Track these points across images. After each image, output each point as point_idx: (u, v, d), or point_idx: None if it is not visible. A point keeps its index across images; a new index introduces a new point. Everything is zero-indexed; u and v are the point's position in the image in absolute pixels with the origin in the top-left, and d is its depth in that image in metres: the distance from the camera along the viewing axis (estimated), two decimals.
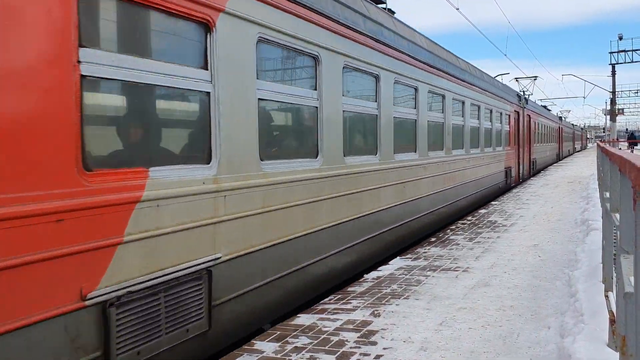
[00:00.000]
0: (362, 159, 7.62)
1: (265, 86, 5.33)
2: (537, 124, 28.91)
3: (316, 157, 6.38)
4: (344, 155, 7.01)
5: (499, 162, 17.70)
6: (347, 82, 7.17)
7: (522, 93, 25.68)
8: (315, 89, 6.38)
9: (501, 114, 18.02)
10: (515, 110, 21.06)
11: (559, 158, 43.83)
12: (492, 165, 16.67)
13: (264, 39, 5.26)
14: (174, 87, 4.23)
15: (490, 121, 16.42)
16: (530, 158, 25.34)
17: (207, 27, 4.52)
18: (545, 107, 43.24)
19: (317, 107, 6.38)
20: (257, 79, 5.15)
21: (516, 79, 38.89)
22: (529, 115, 25.27)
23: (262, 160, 5.23)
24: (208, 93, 4.55)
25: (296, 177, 5.84)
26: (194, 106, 4.64)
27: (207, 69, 4.53)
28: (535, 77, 39.01)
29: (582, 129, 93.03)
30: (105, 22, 3.74)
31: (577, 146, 76.49)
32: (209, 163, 4.58)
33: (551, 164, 36.38)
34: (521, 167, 22.35)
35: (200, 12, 4.38)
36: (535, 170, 27.29)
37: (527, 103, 24.88)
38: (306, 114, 6.35)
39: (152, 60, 3.99)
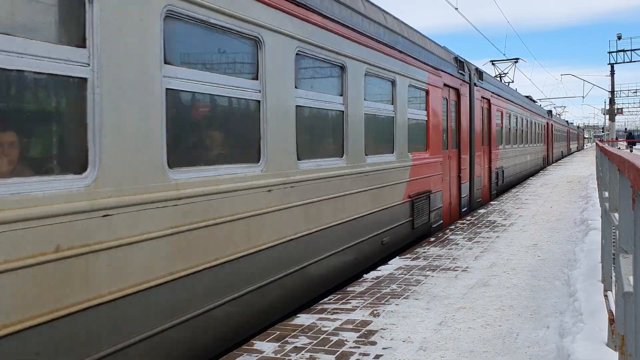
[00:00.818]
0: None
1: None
2: (506, 115, 19.48)
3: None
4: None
5: (390, 189, 8.40)
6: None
7: (471, 65, 14.22)
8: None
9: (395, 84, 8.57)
10: (451, 88, 12.04)
11: (547, 163, 34.85)
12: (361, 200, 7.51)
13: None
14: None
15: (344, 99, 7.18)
16: (490, 168, 16.44)
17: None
18: (529, 97, 32.17)
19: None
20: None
21: (492, 61, 31.69)
22: (488, 100, 16.02)
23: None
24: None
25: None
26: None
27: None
28: (517, 59, 31.53)
29: (578, 127, 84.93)
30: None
31: (573, 146, 66.36)
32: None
33: (535, 172, 27.88)
34: (463, 188, 12.98)
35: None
36: (502, 186, 18.40)
37: (481, 79, 15.16)
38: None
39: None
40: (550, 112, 41.25)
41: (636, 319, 2.39)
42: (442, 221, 11.00)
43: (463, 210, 12.95)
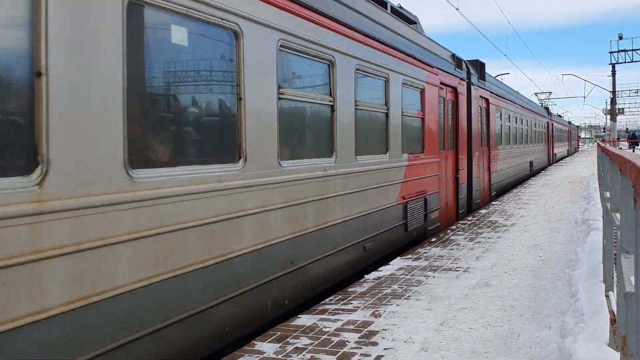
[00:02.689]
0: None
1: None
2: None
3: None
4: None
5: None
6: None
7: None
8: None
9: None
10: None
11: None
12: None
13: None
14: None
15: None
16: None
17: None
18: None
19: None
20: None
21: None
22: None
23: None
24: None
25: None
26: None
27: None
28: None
29: (569, 123, 64.42)
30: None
31: (560, 150, 48.78)
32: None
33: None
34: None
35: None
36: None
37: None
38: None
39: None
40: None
41: (638, 319, 2.39)
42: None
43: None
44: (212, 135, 4.81)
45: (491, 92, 16.18)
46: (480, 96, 14.70)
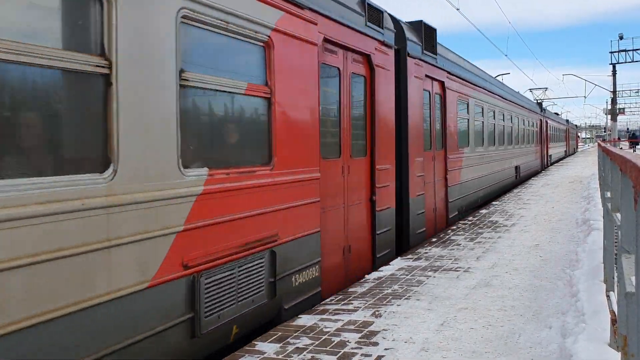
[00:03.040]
0: None
1: None
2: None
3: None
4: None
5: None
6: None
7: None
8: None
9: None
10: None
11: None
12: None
13: None
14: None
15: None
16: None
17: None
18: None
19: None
20: None
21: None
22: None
23: None
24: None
25: None
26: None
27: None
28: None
29: (567, 121, 54.06)
30: None
31: (557, 150, 42.62)
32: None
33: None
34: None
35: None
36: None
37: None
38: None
39: None
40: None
41: (639, 319, 2.39)
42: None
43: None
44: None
45: (450, 74, 11.74)
46: (428, 76, 10.31)
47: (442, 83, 11.27)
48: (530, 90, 32.20)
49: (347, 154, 7.06)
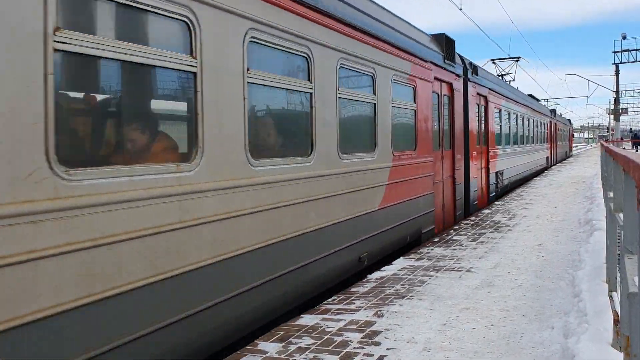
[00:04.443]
0: None
1: None
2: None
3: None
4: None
5: None
6: None
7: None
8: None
9: None
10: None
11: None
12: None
13: None
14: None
15: None
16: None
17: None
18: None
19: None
20: None
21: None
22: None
23: None
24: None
25: None
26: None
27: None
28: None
29: (551, 109, 41.18)
30: None
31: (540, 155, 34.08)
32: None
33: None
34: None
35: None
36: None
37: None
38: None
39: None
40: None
41: None
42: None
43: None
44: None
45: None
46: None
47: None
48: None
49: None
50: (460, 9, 21.27)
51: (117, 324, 3.51)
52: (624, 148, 33.59)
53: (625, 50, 52.44)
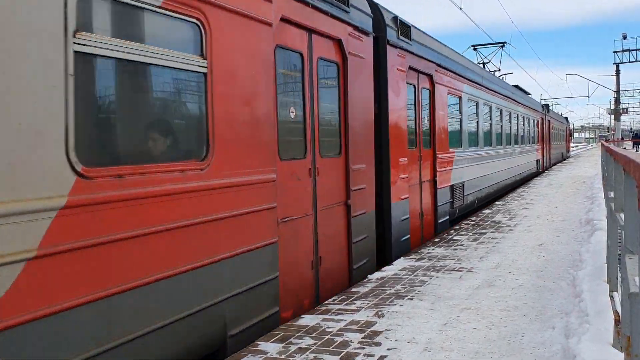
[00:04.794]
0: None
1: None
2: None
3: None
4: None
5: None
6: None
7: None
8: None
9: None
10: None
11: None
12: None
13: None
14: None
15: None
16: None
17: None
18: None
19: None
20: None
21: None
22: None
23: None
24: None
25: None
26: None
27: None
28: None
29: (543, 105, 33.88)
30: None
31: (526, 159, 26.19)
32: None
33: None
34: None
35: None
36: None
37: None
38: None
39: None
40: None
41: None
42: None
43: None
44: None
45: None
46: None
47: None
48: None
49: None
50: (461, 9, 21.27)
51: None
52: (625, 148, 33.59)
53: (626, 50, 52.48)
